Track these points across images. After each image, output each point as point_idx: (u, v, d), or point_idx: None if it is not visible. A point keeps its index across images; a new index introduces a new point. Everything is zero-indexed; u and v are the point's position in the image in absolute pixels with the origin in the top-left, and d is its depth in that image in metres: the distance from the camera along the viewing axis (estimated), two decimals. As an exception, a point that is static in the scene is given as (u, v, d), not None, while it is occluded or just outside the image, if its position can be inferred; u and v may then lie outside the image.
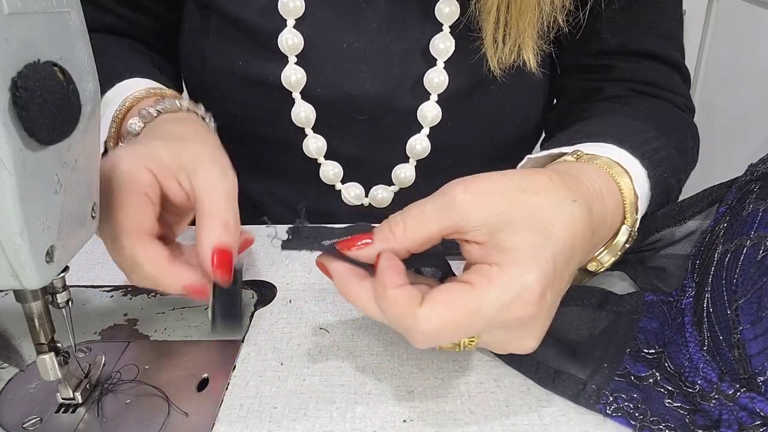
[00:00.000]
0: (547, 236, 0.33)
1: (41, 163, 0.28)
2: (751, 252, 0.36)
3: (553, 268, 0.33)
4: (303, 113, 0.55)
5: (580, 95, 0.59)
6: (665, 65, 0.58)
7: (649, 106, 0.55)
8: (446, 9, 0.52)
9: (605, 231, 0.40)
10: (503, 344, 0.35)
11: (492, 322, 0.32)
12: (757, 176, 0.42)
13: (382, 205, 0.61)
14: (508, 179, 0.35)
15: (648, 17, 0.56)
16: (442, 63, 0.54)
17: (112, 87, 0.51)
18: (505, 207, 0.34)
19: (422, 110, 0.55)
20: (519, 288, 0.32)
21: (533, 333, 0.34)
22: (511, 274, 0.32)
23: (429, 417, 0.36)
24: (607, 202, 0.39)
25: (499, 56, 0.51)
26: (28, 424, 0.36)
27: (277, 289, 0.47)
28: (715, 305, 0.37)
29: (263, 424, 0.36)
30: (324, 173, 0.59)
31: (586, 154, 0.43)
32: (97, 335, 0.43)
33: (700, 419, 0.35)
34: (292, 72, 0.54)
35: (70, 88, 0.29)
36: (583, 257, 0.36)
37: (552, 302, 0.33)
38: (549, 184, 0.36)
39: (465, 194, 0.34)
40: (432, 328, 0.32)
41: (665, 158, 0.47)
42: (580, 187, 0.38)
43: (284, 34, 0.53)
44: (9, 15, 0.25)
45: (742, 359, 0.35)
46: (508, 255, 0.33)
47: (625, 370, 0.38)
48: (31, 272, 0.29)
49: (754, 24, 1.24)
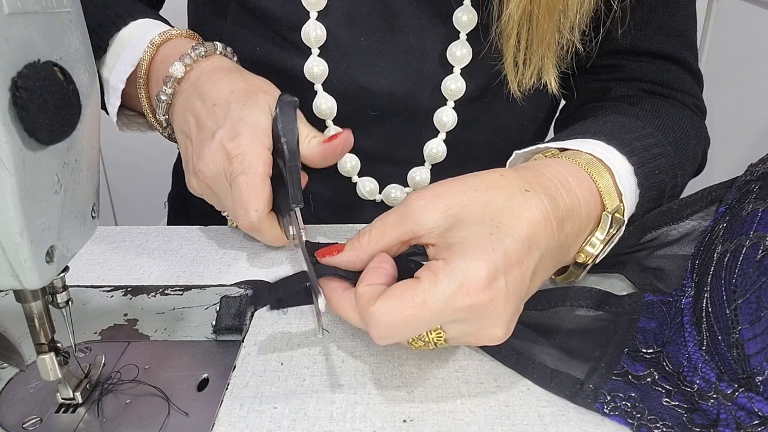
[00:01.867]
0: (494, 225, 0.35)
1: (41, 163, 0.28)
2: (751, 252, 0.36)
3: (504, 256, 0.34)
4: (325, 105, 0.56)
5: (589, 95, 0.59)
6: (676, 65, 0.58)
7: (656, 106, 0.55)
8: (464, 17, 0.53)
9: (582, 220, 0.40)
10: (471, 336, 0.36)
11: (442, 313, 0.33)
12: (756, 176, 0.42)
13: (394, 203, 0.61)
14: (461, 181, 0.38)
15: (659, 17, 0.56)
16: (458, 70, 0.54)
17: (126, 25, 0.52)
18: (457, 207, 0.36)
19: (438, 115, 0.56)
20: (462, 277, 0.33)
21: (496, 321, 0.34)
22: (454, 265, 0.33)
23: (429, 417, 0.36)
24: (578, 191, 0.40)
25: (520, 79, 0.52)
26: (28, 424, 0.36)
27: (277, 289, 0.47)
28: (714, 305, 0.37)
29: (263, 424, 0.36)
30: (342, 165, 0.59)
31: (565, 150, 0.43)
32: (97, 335, 0.43)
33: (697, 418, 0.35)
34: (315, 64, 0.54)
35: (70, 88, 0.29)
36: (550, 244, 0.37)
37: (509, 288, 0.34)
38: (500, 179, 0.38)
39: (418, 201, 0.37)
40: (383, 322, 0.33)
41: (658, 155, 0.47)
42: (537, 179, 0.39)
43: (308, 25, 0.53)
44: (9, 15, 0.25)
45: (740, 359, 0.35)
46: (454, 248, 0.34)
47: (623, 370, 0.38)
48: (31, 272, 0.29)
49: (754, 24, 1.23)
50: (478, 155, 0.60)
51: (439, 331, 0.35)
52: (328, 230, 0.56)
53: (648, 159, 0.46)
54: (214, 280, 0.48)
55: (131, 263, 0.51)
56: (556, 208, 0.37)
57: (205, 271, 0.50)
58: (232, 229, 0.56)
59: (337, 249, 0.39)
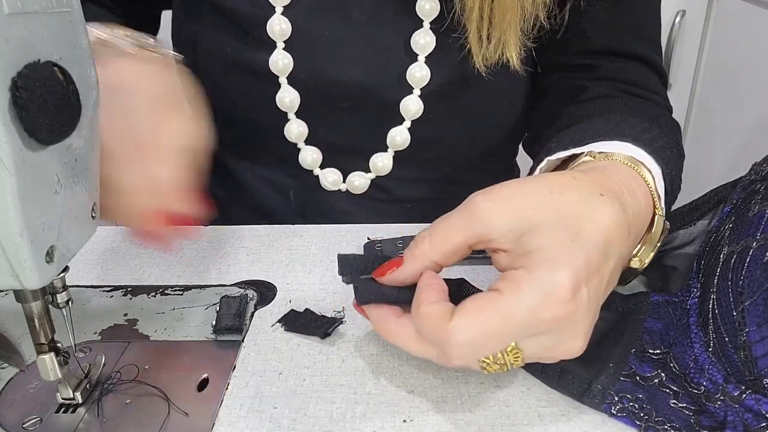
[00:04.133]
0: (574, 232, 0.33)
1: (41, 163, 0.28)
2: (758, 253, 0.36)
3: (585, 263, 0.32)
4: (288, 98, 0.56)
5: (565, 94, 0.59)
6: (646, 66, 0.58)
7: (642, 106, 0.55)
8: (427, 6, 0.53)
9: (641, 224, 0.39)
10: (549, 351, 0.33)
11: (527, 326, 0.31)
12: (762, 176, 0.42)
13: (359, 191, 0.62)
14: (533, 182, 0.35)
15: (633, 19, 0.57)
16: (423, 58, 0.55)
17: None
18: (531, 210, 0.33)
19: (405, 103, 0.56)
20: (549, 287, 0.31)
21: (577, 333, 0.33)
22: (538, 275, 0.32)
23: (429, 417, 0.36)
24: (638, 195, 0.39)
25: (484, 53, 0.52)
26: (28, 424, 0.36)
27: (277, 289, 0.47)
28: (720, 306, 0.37)
29: (263, 424, 0.36)
30: (303, 158, 0.60)
31: (602, 152, 0.43)
32: (97, 335, 0.43)
33: (705, 420, 0.35)
34: (279, 57, 0.55)
35: (70, 88, 0.29)
36: (622, 251, 0.36)
37: (590, 298, 0.32)
38: (574, 182, 0.36)
39: (485, 202, 0.34)
40: (465, 339, 0.31)
41: (671, 156, 0.47)
42: (606, 182, 0.37)
43: (273, 20, 0.54)
44: (9, 15, 0.25)
45: (747, 361, 0.34)
46: (535, 256, 0.32)
47: (631, 371, 0.38)
48: (31, 272, 0.29)
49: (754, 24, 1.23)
50: (447, 149, 0.60)
51: (516, 352, 0.32)
52: (328, 230, 0.56)
53: (666, 160, 0.46)
54: (214, 280, 0.48)
55: (131, 263, 0.51)
56: (626, 213, 0.36)
57: (205, 271, 0.50)
58: (233, 228, 0.56)
59: (396, 264, 0.36)
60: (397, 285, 0.36)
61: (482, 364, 0.33)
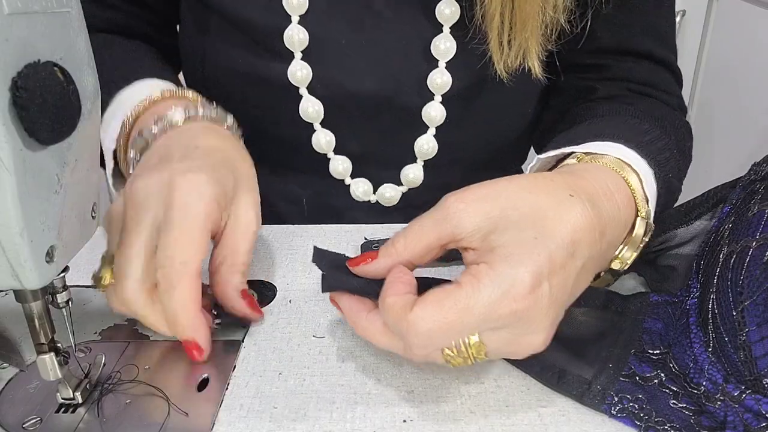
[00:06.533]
0: (539, 230, 0.34)
1: (41, 163, 0.28)
2: (757, 253, 0.36)
3: (548, 260, 0.33)
4: (311, 108, 0.55)
5: (575, 94, 0.59)
6: (660, 65, 0.58)
7: (648, 107, 0.55)
8: (447, 10, 0.53)
9: (620, 227, 0.40)
10: (512, 345, 0.34)
11: (485, 319, 0.32)
12: (761, 176, 0.42)
13: (390, 203, 0.61)
14: (508, 182, 0.36)
15: (644, 17, 0.56)
16: (443, 63, 0.54)
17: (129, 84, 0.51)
18: (499, 210, 0.35)
19: (427, 110, 0.56)
20: (508, 282, 0.32)
21: (537, 328, 0.34)
22: (498, 270, 0.33)
23: (429, 417, 0.36)
24: (617, 198, 0.39)
25: (505, 60, 0.51)
26: (28, 424, 0.36)
27: (277, 289, 0.47)
28: (720, 306, 0.37)
29: (263, 424, 0.36)
30: (333, 168, 0.59)
31: (591, 153, 0.43)
32: (97, 335, 0.43)
33: (705, 420, 0.35)
34: (298, 68, 0.54)
35: (70, 88, 0.29)
36: (593, 253, 0.36)
37: (552, 294, 0.33)
38: (547, 183, 0.37)
39: (458, 203, 0.35)
40: (424, 329, 0.32)
41: (669, 159, 0.47)
42: (581, 183, 0.38)
43: (290, 29, 0.53)
44: (9, 15, 0.25)
45: (747, 361, 0.35)
46: (497, 252, 0.34)
47: (631, 371, 0.38)
48: (31, 272, 0.29)
49: (754, 24, 1.23)
50: (469, 152, 0.60)
51: (479, 345, 0.34)
52: (328, 230, 0.56)
53: (662, 162, 0.45)
54: (214, 280, 0.48)
55: (131, 263, 0.51)
56: (599, 216, 0.36)
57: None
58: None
59: (371, 256, 0.37)
60: (367, 277, 0.38)
61: (446, 357, 0.34)
